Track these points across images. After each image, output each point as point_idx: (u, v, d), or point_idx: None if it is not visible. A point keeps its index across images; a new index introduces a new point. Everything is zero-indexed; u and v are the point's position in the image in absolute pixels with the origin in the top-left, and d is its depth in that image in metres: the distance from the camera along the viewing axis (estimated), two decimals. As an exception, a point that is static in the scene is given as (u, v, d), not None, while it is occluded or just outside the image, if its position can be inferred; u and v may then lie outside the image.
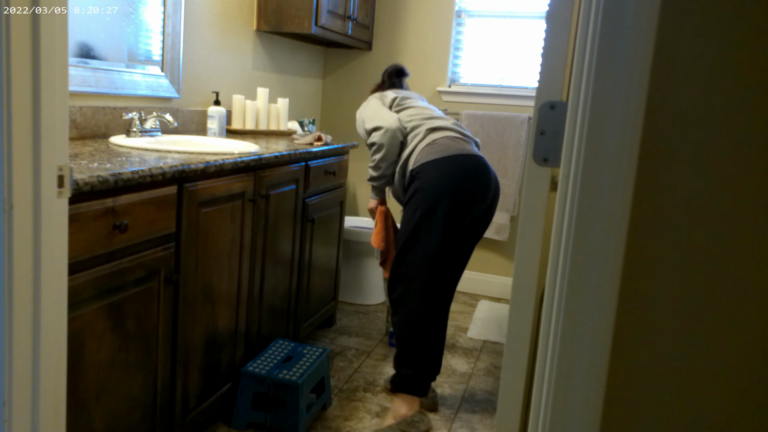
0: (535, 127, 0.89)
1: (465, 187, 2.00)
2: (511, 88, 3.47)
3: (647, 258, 0.75)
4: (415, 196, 2.03)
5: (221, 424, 2.03)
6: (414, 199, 2.03)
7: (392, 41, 3.64)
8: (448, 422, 2.17)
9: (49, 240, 1.05)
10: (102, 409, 1.45)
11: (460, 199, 2.00)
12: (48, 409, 1.10)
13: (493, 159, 3.45)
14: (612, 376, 0.78)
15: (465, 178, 2.00)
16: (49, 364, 1.09)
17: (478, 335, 3.01)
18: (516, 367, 0.95)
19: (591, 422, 0.79)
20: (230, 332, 1.99)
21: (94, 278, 1.36)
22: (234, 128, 2.75)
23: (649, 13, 0.70)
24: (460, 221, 2.02)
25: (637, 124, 0.72)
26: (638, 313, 0.77)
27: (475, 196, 2.03)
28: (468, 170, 2.02)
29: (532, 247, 0.91)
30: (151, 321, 1.59)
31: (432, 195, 1.99)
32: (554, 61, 0.86)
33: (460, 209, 2.01)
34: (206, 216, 1.76)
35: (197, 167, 1.65)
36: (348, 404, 2.23)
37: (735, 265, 0.73)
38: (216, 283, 1.86)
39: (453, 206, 1.99)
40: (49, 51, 1.00)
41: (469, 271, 3.68)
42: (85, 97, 2.02)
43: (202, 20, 2.59)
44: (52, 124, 1.02)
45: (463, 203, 2.01)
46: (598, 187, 0.74)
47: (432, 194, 1.99)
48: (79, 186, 1.26)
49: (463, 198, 2.00)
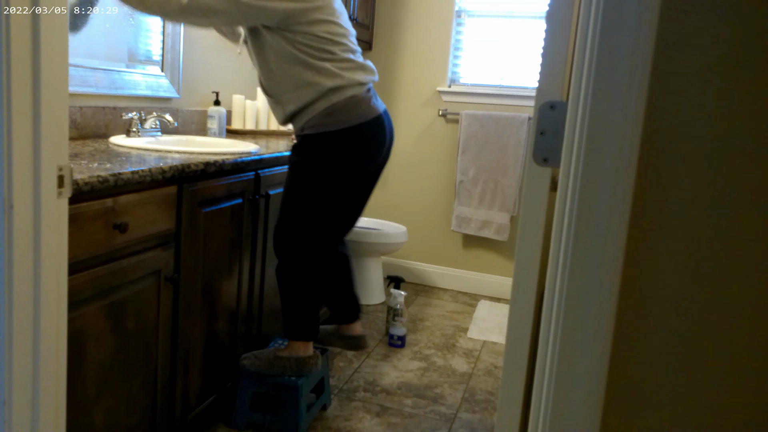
0: (535, 127, 0.89)
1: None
2: (511, 88, 3.47)
3: (647, 258, 0.75)
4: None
5: (221, 425, 2.03)
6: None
7: (392, 41, 3.64)
8: (448, 422, 2.17)
9: (49, 240, 1.05)
10: (102, 409, 1.45)
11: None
12: (48, 409, 1.10)
13: (493, 159, 3.45)
14: (612, 376, 0.78)
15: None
16: (49, 364, 1.09)
17: (478, 335, 3.01)
18: (516, 367, 0.95)
19: (591, 422, 0.79)
20: (230, 332, 1.99)
21: (94, 278, 1.36)
22: (234, 128, 2.75)
23: (649, 13, 0.70)
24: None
25: (637, 123, 0.72)
26: (638, 313, 0.77)
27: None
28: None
29: (532, 247, 0.91)
30: (151, 321, 1.59)
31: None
32: (554, 61, 0.86)
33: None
34: (206, 216, 1.76)
35: (197, 167, 1.65)
36: (348, 404, 2.23)
37: (735, 265, 0.73)
38: (216, 283, 1.86)
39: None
40: (49, 51, 1.00)
41: (469, 271, 3.68)
42: (85, 97, 2.02)
43: (202, 20, 2.59)
44: (52, 124, 1.02)
45: None
46: (598, 187, 0.74)
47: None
48: (79, 186, 1.26)
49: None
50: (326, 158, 1.90)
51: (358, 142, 1.92)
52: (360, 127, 1.91)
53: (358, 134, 1.91)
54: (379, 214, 3.82)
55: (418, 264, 3.77)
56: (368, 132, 1.93)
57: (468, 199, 3.52)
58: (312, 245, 1.95)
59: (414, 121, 3.66)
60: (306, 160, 1.92)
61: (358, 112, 1.91)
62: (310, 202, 1.92)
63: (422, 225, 3.73)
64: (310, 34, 1.85)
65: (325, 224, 1.96)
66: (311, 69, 1.87)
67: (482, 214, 3.51)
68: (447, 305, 3.44)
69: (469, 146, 3.47)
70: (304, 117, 1.92)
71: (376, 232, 3.23)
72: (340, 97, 1.89)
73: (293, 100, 1.90)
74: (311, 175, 1.91)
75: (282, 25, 1.84)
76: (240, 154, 1.91)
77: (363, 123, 1.91)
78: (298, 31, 1.85)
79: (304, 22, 1.84)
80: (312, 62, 1.87)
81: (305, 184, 1.92)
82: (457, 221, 3.56)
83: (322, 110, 1.88)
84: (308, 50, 1.86)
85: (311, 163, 1.91)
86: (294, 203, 1.94)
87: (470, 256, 3.67)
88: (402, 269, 3.81)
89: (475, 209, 3.52)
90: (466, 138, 3.47)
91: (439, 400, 2.32)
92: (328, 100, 1.88)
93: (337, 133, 1.89)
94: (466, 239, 3.67)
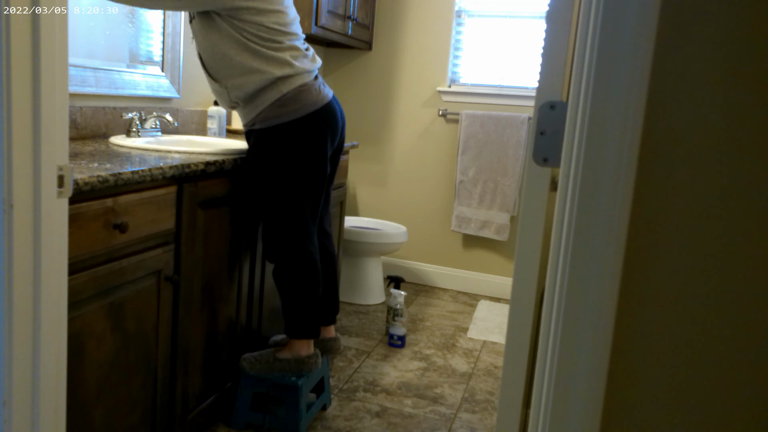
0: (535, 127, 0.89)
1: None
2: (511, 88, 3.47)
3: (647, 258, 0.75)
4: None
5: (221, 425, 2.03)
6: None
7: (392, 41, 3.64)
8: (448, 422, 2.17)
9: (49, 240, 1.05)
10: (102, 409, 1.45)
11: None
12: (48, 409, 1.10)
13: (493, 159, 3.45)
14: (612, 376, 0.78)
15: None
16: (49, 364, 1.09)
17: (478, 335, 3.01)
18: (516, 367, 0.95)
19: (591, 422, 0.79)
20: (230, 332, 1.99)
21: (94, 278, 1.36)
22: (234, 128, 2.75)
23: (649, 13, 0.70)
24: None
25: (637, 124, 0.72)
26: (638, 313, 0.77)
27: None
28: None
29: (532, 247, 0.91)
30: (151, 321, 1.59)
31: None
32: (554, 61, 0.86)
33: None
34: (206, 216, 1.76)
35: (197, 167, 1.65)
36: (348, 404, 2.23)
37: (735, 265, 0.73)
38: (216, 283, 1.86)
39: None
40: (49, 51, 1.00)
41: (469, 271, 3.68)
42: (85, 97, 2.02)
43: (202, 20, 2.59)
44: (52, 124, 1.02)
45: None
46: (598, 187, 0.74)
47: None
48: (79, 186, 1.26)
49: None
50: (286, 151, 1.88)
51: (313, 129, 1.89)
52: (313, 115, 1.89)
53: (312, 122, 1.89)
54: (379, 214, 3.82)
55: (418, 264, 3.77)
56: (321, 118, 1.91)
57: (468, 199, 3.52)
58: (299, 241, 1.95)
59: (414, 121, 3.67)
60: (267, 159, 1.89)
61: (310, 100, 1.88)
62: (285, 200, 1.91)
63: (422, 225, 3.74)
64: (259, 24, 1.82)
65: (306, 217, 1.95)
66: (259, 57, 1.84)
67: (482, 214, 3.51)
68: (447, 305, 3.44)
69: (469, 146, 3.47)
70: (253, 110, 1.89)
71: (376, 232, 3.23)
72: (290, 87, 1.86)
73: (239, 86, 1.86)
74: (277, 173, 1.89)
75: (231, 13, 1.80)
76: (240, 154, 1.91)
77: (315, 111, 1.89)
78: (246, 20, 1.81)
79: (253, 11, 1.81)
80: (261, 50, 1.83)
81: (275, 184, 1.90)
82: (457, 221, 3.56)
83: (273, 101, 1.86)
84: (256, 40, 1.83)
85: (273, 161, 1.88)
86: (272, 206, 1.92)
87: (470, 256, 3.67)
88: (402, 269, 3.81)
89: (475, 209, 3.52)
90: (466, 138, 3.47)
91: (439, 400, 2.32)
92: (278, 90, 1.85)
93: (291, 123, 1.87)
94: (466, 239, 3.67)
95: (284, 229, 1.94)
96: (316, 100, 1.90)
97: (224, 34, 1.83)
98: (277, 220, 1.93)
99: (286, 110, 1.86)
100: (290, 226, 1.93)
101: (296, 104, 1.87)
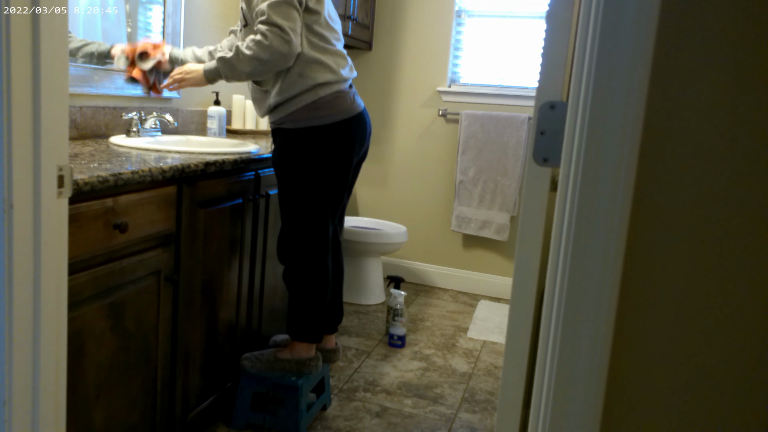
0: (535, 127, 0.89)
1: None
2: (511, 88, 3.47)
3: (647, 258, 0.75)
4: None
5: (221, 425, 2.03)
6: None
7: (392, 41, 3.64)
8: (448, 422, 2.17)
9: (49, 240, 1.05)
10: (102, 409, 1.45)
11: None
12: (48, 409, 1.10)
13: (493, 159, 3.45)
14: (612, 376, 0.78)
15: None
16: (49, 364, 1.09)
17: (478, 335, 3.01)
18: (516, 367, 0.95)
19: (591, 422, 0.79)
20: (230, 332, 1.99)
21: (94, 278, 1.36)
22: (234, 128, 2.75)
23: (649, 13, 0.70)
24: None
25: (637, 124, 0.72)
26: (638, 313, 0.77)
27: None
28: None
29: (532, 247, 0.91)
30: (151, 321, 1.59)
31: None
32: (554, 61, 0.86)
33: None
34: (206, 216, 1.76)
35: (197, 167, 1.65)
36: (348, 404, 2.23)
37: (735, 265, 0.73)
38: (216, 283, 1.86)
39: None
40: (49, 51, 1.00)
41: (469, 271, 3.68)
42: (85, 97, 2.02)
43: (202, 20, 2.59)
44: (52, 124, 1.02)
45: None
46: (598, 187, 0.74)
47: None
48: (79, 186, 1.26)
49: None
50: (314, 155, 1.89)
51: (343, 136, 1.90)
52: (344, 123, 1.90)
53: (343, 130, 1.90)
54: (379, 214, 3.82)
55: (418, 264, 3.77)
56: (352, 127, 1.92)
57: (468, 199, 3.52)
58: (315, 246, 1.95)
59: (414, 121, 3.66)
60: (293, 161, 1.90)
61: (344, 107, 1.90)
62: (307, 203, 1.91)
63: (422, 225, 3.73)
64: (319, 35, 1.87)
65: (326, 223, 1.96)
66: (308, 62, 1.86)
67: (482, 214, 3.51)
68: (447, 305, 3.44)
69: (469, 146, 3.47)
70: (286, 109, 1.89)
71: (376, 232, 3.23)
72: (327, 92, 1.88)
73: (280, 92, 1.88)
74: (303, 176, 1.90)
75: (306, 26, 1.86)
76: (240, 154, 1.91)
77: (347, 119, 1.90)
78: (314, 32, 1.86)
79: (319, 24, 1.86)
80: (312, 55, 1.86)
81: (299, 186, 1.90)
82: (457, 221, 3.56)
83: (308, 103, 1.86)
84: (310, 43, 1.86)
85: (299, 163, 1.89)
86: (293, 208, 1.93)
87: (470, 256, 3.67)
88: (402, 269, 3.81)
89: (475, 209, 3.52)
90: (466, 138, 3.47)
91: (439, 400, 2.32)
92: (315, 93, 1.87)
93: (322, 128, 1.88)
94: (466, 239, 3.67)
95: (302, 233, 1.94)
96: (349, 108, 1.92)
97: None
98: (297, 222, 1.93)
99: (320, 114, 1.88)
100: (308, 230, 1.94)
101: (331, 109, 1.88)
